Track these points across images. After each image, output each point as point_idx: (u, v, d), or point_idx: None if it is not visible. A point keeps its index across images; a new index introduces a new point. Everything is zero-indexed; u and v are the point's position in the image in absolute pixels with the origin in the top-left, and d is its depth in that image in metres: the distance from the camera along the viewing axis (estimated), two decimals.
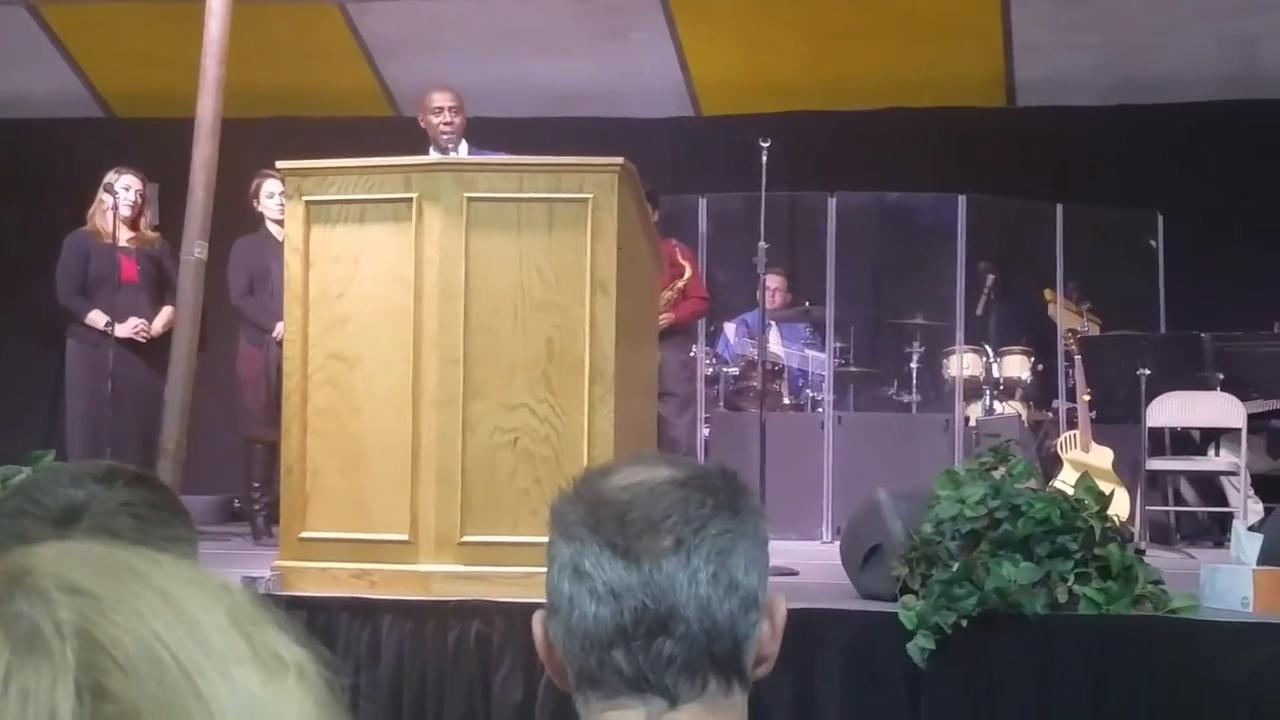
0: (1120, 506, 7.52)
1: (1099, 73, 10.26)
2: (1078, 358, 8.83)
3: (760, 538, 1.45)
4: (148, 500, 1.68)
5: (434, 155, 7.11)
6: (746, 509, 1.45)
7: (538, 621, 1.46)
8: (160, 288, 8.10)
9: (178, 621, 0.70)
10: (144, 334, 7.95)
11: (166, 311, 7.92)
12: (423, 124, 7.33)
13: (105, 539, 1.56)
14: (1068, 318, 9.63)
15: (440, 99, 7.22)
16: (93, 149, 10.20)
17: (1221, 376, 8.42)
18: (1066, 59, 10.17)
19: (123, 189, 8.06)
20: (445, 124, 7.13)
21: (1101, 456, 8.58)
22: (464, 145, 7.11)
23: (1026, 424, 9.30)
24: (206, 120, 6.50)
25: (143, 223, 8.23)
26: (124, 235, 8.11)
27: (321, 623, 5.06)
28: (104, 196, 8.03)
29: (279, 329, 7.53)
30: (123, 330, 7.91)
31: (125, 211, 8.07)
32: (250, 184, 8.10)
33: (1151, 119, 10.27)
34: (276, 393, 7.22)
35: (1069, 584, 4.80)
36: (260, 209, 8.12)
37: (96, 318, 7.93)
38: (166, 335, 7.60)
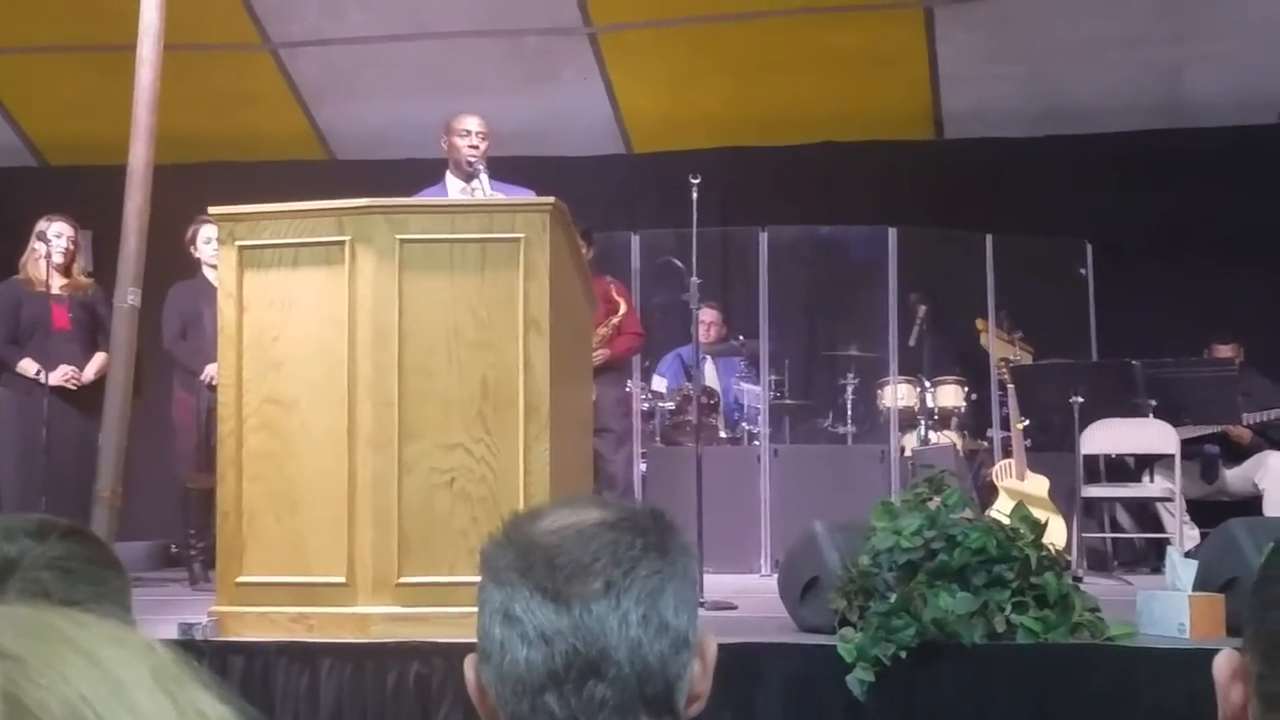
0: (1056, 535, 7.58)
1: (1025, 104, 10.37)
2: (1011, 387, 8.89)
3: (690, 578, 1.47)
4: (80, 554, 1.68)
5: (450, 181, 7.00)
6: (675, 549, 1.46)
7: (469, 666, 1.47)
8: (93, 334, 8.08)
9: (103, 682, 0.70)
10: (74, 382, 7.93)
11: (99, 358, 7.89)
12: (444, 145, 7.14)
13: (38, 593, 1.57)
14: (1000, 347, 9.70)
15: (469, 123, 7.06)
16: (26, 197, 10.13)
17: (1154, 403, 8.49)
18: (993, 91, 10.28)
19: (54, 236, 8.06)
20: (471, 147, 7.00)
21: (1037, 485, 8.64)
22: (485, 178, 6.99)
23: (962, 453, 9.35)
24: (138, 168, 6.47)
25: (76, 269, 8.20)
26: (57, 283, 8.10)
27: (260, 667, 5.04)
28: (36, 245, 8.02)
29: (208, 372, 7.53)
30: (53, 378, 7.89)
31: (58, 259, 8.08)
32: (186, 230, 8.11)
33: (1078, 149, 10.38)
34: (208, 437, 7.21)
35: (1006, 613, 4.83)
36: (197, 254, 8.14)
37: (28, 366, 7.91)
38: (100, 382, 7.55)
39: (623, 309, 8.37)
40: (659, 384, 9.77)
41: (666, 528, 1.48)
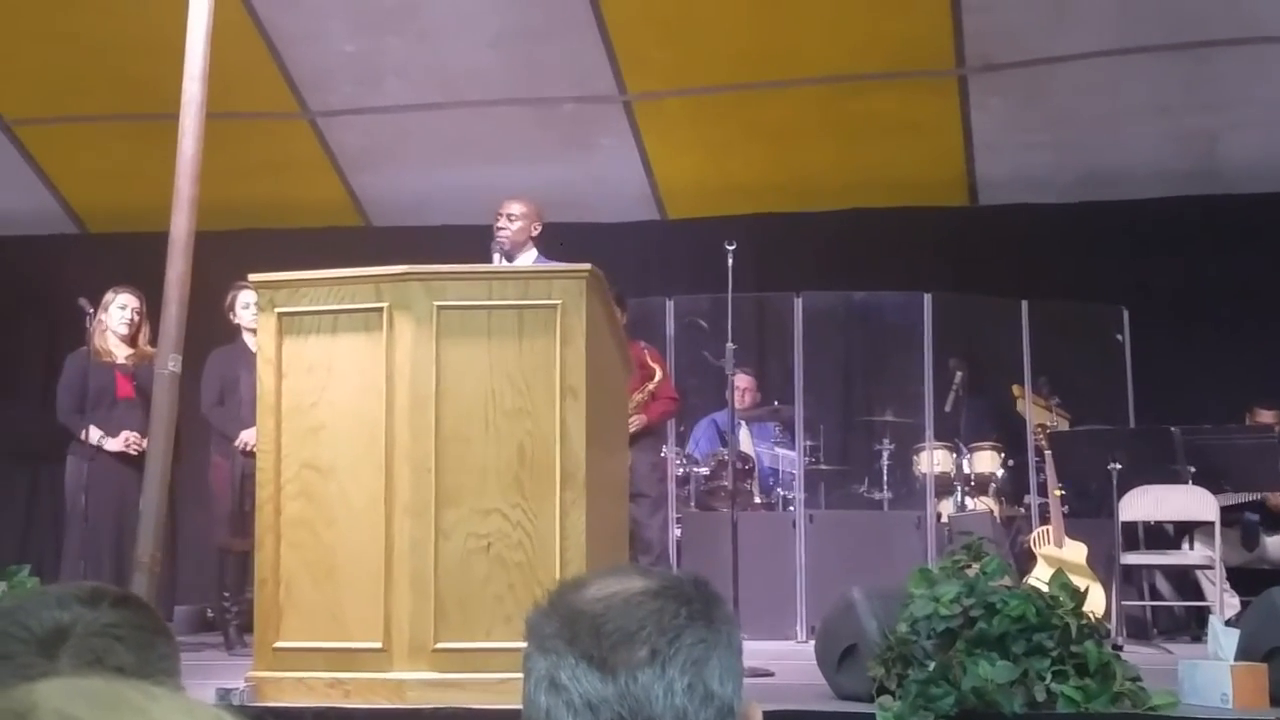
0: (1095, 602, 7.52)
1: (1060, 170, 10.38)
2: (1048, 453, 8.85)
3: (734, 646, 1.46)
4: (132, 622, 1.68)
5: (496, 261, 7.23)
6: (720, 618, 1.46)
7: None
8: None
9: None
10: (135, 447, 7.98)
11: None
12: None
13: (90, 660, 1.57)
14: (1037, 413, 9.66)
15: (502, 206, 7.40)
16: (66, 265, 10.25)
17: (1193, 469, 8.44)
18: (1027, 157, 10.29)
19: (118, 308, 8.26)
20: (499, 228, 7.28)
21: (1075, 551, 8.59)
22: (532, 253, 7.22)
23: (999, 520, 9.30)
24: (180, 237, 6.51)
25: (141, 339, 8.30)
26: (123, 353, 8.25)
27: None
28: (101, 317, 8.13)
29: (243, 438, 7.58)
30: (114, 444, 8.01)
31: (122, 330, 8.27)
32: (224, 296, 8.19)
33: (1113, 215, 10.37)
34: (243, 502, 7.24)
35: (1046, 682, 4.79)
36: (236, 320, 8.23)
37: (91, 433, 7.98)
38: None
39: (658, 375, 8.39)
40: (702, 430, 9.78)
41: (711, 597, 1.48)
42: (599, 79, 10.00)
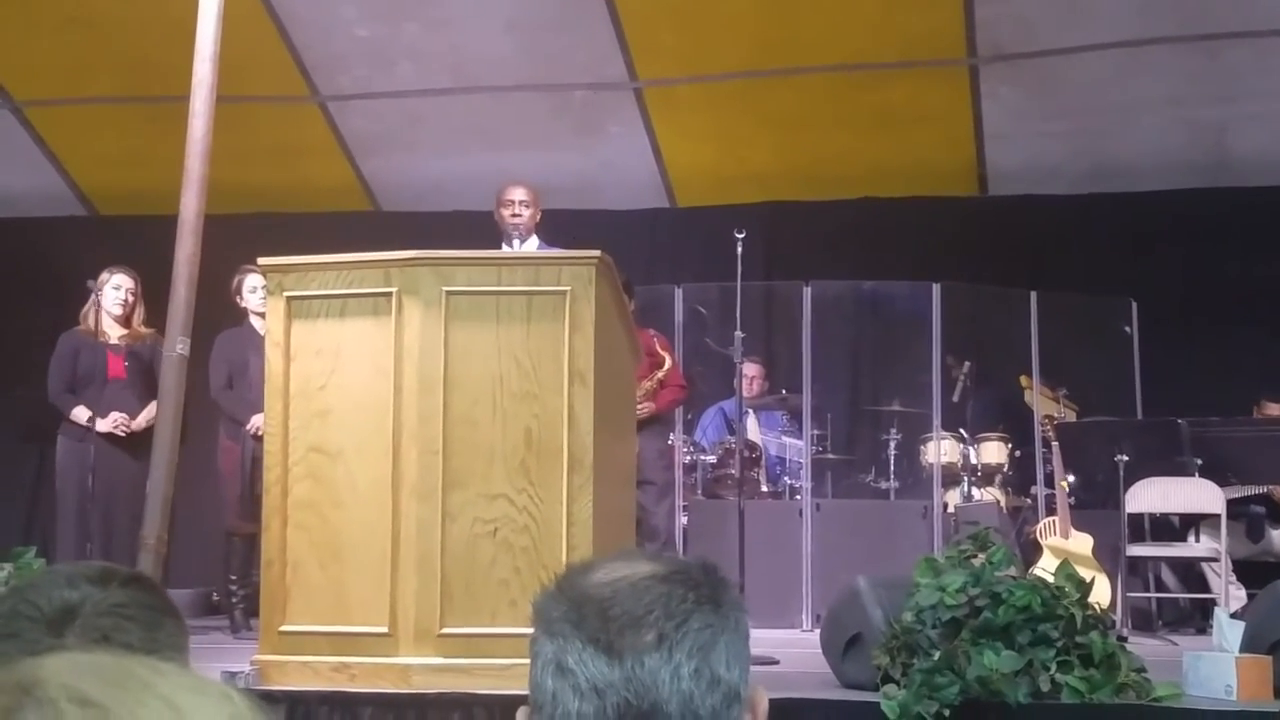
0: (1101, 593, 7.51)
1: (1070, 161, 10.36)
2: (1055, 444, 8.85)
3: (742, 632, 1.46)
4: (141, 601, 1.69)
5: (506, 248, 7.25)
6: (728, 603, 1.46)
7: (522, 717, 1.47)
8: (150, 382, 8.13)
9: None
10: (123, 428, 7.99)
11: (154, 406, 7.94)
12: (496, 218, 7.47)
13: (98, 639, 1.58)
14: (1044, 404, 9.66)
15: (512, 193, 7.46)
16: (75, 247, 10.25)
17: (1199, 462, 8.43)
18: (1037, 148, 10.28)
19: (113, 288, 8.22)
20: (514, 215, 7.32)
21: (1081, 543, 8.59)
22: (535, 240, 7.25)
23: (1005, 510, 9.30)
24: (189, 218, 6.52)
25: (136, 320, 8.29)
26: (116, 333, 8.23)
27: (300, 717, 5.04)
28: (95, 296, 8.12)
29: (254, 422, 7.58)
30: (103, 425, 7.97)
31: (116, 310, 8.23)
32: (231, 279, 8.18)
33: (1123, 207, 10.35)
34: (253, 485, 7.25)
35: (1051, 672, 4.79)
36: (243, 304, 8.22)
37: (80, 413, 7.98)
38: (152, 429, 7.62)
39: (667, 363, 8.40)
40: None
41: (719, 582, 1.47)
42: (610, 66, 10.00)
